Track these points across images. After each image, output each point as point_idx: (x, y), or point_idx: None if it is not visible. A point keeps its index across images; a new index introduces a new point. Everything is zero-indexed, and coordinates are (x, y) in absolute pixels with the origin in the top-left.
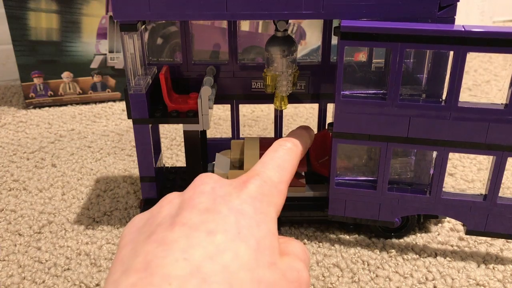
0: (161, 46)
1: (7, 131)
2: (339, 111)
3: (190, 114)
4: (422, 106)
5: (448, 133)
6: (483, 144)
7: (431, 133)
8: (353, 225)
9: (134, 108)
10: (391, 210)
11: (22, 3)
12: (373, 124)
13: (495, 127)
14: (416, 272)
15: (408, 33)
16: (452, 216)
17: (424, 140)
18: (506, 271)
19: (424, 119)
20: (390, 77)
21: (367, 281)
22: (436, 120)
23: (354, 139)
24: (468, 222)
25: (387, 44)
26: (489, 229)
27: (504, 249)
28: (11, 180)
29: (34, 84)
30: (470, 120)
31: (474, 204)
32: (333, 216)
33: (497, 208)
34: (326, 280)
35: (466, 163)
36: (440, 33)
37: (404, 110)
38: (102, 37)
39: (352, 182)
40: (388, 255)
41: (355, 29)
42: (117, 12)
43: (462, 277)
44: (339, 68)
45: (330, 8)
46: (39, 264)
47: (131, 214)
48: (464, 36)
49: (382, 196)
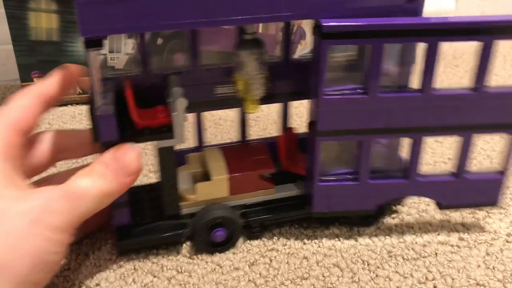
0: (161, 47)
1: None
2: (323, 110)
3: (163, 129)
4: (401, 97)
5: (422, 119)
6: (454, 126)
7: (407, 121)
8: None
9: (103, 131)
10: (372, 199)
11: (22, 3)
12: (355, 119)
13: (465, 110)
14: (416, 272)
15: (389, 28)
16: (427, 196)
17: (402, 128)
18: (506, 271)
19: (401, 109)
20: (371, 72)
21: (367, 281)
22: (412, 109)
23: (337, 135)
24: (442, 199)
25: (369, 40)
26: (460, 202)
27: (504, 249)
28: None
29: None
30: (443, 106)
31: (447, 182)
32: (317, 213)
33: (466, 183)
34: (326, 280)
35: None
36: (418, 26)
37: (383, 102)
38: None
39: (333, 178)
40: (388, 255)
41: (339, 28)
42: (86, 28)
43: (462, 277)
44: (322, 67)
45: (308, 9)
46: None
47: None
48: (436, 28)
49: (364, 187)
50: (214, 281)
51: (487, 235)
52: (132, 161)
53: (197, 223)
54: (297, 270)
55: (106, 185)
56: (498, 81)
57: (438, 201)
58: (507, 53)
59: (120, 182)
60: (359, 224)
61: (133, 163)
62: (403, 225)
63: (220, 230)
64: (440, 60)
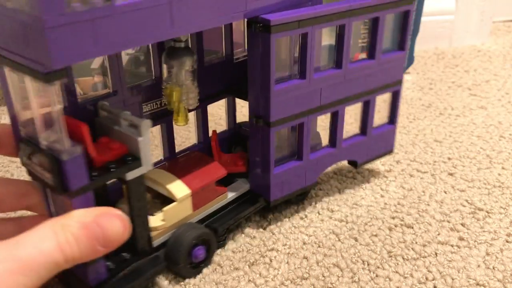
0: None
1: None
2: (274, 101)
3: (127, 159)
4: (329, 76)
5: (343, 92)
6: (363, 92)
7: (333, 96)
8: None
9: (72, 178)
10: (313, 172)
11: None
12: (297, 103)
13: (368, 77)
14: (416, 272)
15: (322, 15)
16: (349, 158)
17: (331, 103)
18: (506, 271)
19: (329, 86)
20: (308, 57)
21: (367, 281)
22: (336, 84)
23: (286, 122)
24: (358, 157)
25: (307, 28)
26: (369, 156)
27: (504, 249)
28: None
29: None
30: (356, 77)
31: (361, 142)
32: (274, 201)
33: (373, 138)
34: (326, 280)
35: (466, 163)
36: (340, 9)
37: (316, 83)
38: None
39: (280, 163)
40: (388, 254)
41: (283, 20)
42: (58, 59)
43: (462, 277)
44: (272, 61)
45: (251, 8)
46: None
47: None
48: (351, 9)
49: (307, 163)
50: (214, 281)
51: (487, 235)
52: (116, 232)
53: (176, 251)
54: (297, 270)
55: (73, 253)
56: (499, 81)
57: (356, 160)
58: (507, 52)
59: (93, 252)
60: (298, 201)
61: (116, 235)
62: (403, 225)
63: (200, 249)
64: (440, 59)
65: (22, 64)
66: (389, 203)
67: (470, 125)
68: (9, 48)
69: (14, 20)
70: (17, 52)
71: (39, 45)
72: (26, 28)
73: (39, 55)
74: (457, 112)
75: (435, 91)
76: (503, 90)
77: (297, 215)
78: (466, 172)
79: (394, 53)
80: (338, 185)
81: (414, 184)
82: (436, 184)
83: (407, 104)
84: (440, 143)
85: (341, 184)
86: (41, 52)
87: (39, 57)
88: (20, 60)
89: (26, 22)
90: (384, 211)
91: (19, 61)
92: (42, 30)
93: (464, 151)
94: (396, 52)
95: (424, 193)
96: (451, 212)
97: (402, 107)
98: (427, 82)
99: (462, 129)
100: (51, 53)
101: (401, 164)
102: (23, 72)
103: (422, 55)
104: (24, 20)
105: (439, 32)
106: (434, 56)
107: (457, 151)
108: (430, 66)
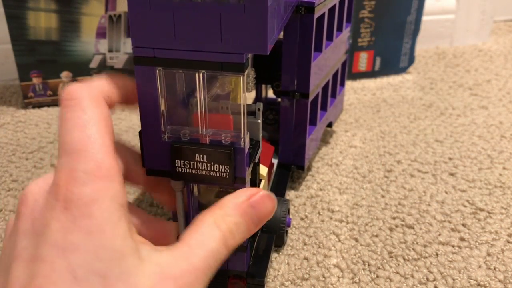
0: None
1: (6, 131)
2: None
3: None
4: (329, 48)
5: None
6: (339, 59)
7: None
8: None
9: (241, 165)
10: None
11: (21, 3)
12: (317, 75)
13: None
14: (417, 272)
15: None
16: (331, 119)
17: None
18: (507, 272)
19: (327, 58)
20: (324, 32)
21: (367, 281)
22: (330, 54)
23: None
24: (333, 118)
25: (324, 8)
26: (337, 115)
27: (505, 249)
28: (10, 180)
29: (33, 84)
30: (337, 47)
31: (334, 104)
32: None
33: (338, 100)
34: (327, 280)
35: (467, 163)
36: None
37: (325, 54)
38: (102, 37)
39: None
40: (389, 255)
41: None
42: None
43: (463, 278)
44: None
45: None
46: None
47: None
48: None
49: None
50: None
51: (488, 235)
52: (268, 211)
53: (277, 222)
54: (297, 271)
55: (235, 242)
56: (500, 81)
57: (331, 120)
58: (508, 52)
59: (248, 235)
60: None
61: (268, 213)
62: (404, 225)
63: (289, 218)
64: (441, 59)
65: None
66: (389, 203)
67: (471, 125)
68: (203, 48)
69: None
70: (209, 49)
71: (252, 33)
72: (229, 19)
73: (251, 42)
74: (458, 112)
75: (436, 91)
76: (504, 90)
77: (297, 216)
78: (467, 172)
79: (347, 24)
80: (338, 186)
81: (415, 184)
82: (437, 184)
83: (408, 104)
84: (441, 143)
85: (341, 185)
86: (257, 39)
87: (250, 46)
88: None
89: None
90: (384, 211)
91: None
92: (263, 16)
93: (465, 151)
94: (348, 24)
95: (425, 193)
96: (452, 212)
97: (403, 107)
98: (428, 81)
99: (463, 129)
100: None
101: (402, 164)
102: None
103: (423, 55)
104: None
105: (440, 32)
106: (435, 56)
107: (458, 151)
108: (431, 66)
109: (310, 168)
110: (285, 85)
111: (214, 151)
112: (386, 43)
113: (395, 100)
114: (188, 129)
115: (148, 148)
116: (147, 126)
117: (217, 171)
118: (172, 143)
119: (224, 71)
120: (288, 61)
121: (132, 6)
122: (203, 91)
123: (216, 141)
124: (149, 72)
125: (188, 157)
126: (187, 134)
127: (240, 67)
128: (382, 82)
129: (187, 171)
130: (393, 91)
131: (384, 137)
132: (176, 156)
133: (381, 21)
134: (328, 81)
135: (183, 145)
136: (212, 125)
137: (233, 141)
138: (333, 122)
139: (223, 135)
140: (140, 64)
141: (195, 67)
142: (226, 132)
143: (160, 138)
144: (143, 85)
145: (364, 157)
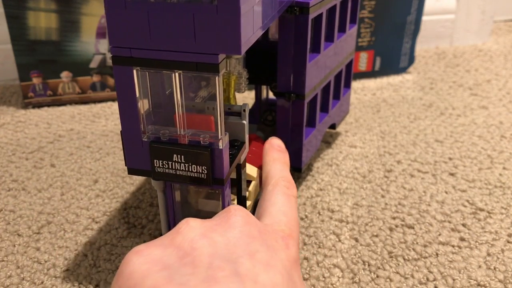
0: None
1: (6, 131)
2: (308, 73)
3: (235, 144)
4: (328, 49)
5: (334, 61)
6: (341, 61)
7: (330, 66)
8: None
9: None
10: (318, 139)
11: (21, 3)
12: (314, 76)
13: (343, 48)
14: (417, 272)
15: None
16: (333, 121)
17: (329, 73)
18: (507, 272)
19: (327, 58)
20: (322, 33)
21: (367, 281)
22: (330, 56)
23: (309, 95)
24: (336, 120)
25: (322, 9)
26: (341, 117)
27: (505, 249)
28: (10, 180)
29: (33, 84)
30: (339, 48)
31: (337, 106)
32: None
33: (342, 102)
34: (327, 280)
35: (467, 163)
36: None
37: (324, 55)
38: (102, 37)
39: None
40: (389, 255)
41: (313, 4)
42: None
43: (463, 278)
44: (308, 37)
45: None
46: (38, 265)
47: (130, 215)
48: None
49: (317, 130)
50: None
51: (488, 235)
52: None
53: None
54: None
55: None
56: (500, 80)
57: (335, 122)
58: (508, 52)
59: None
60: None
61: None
62: (404, 225)
63: None
64: (441, 59)
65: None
66: (389, 203)
67: (471, 125)
68: (178, 48)
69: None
70: (186, 49)
71: (225, 34)
72: (202, 20)
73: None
74: (458, 112)
75: (436, 90)
76: (504, 90)
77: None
78: (467, 172)
79: (351, 25)
80: (338, 186)
81: (415, 184)
82: (437, 184)
83: (408, 104)
84: (441, 143)
85: (341, 185)
86: (230, 40)
87: (223, 46)
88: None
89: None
90: (384, 211)
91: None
92: (235, 16)
93: (465, 151)
94: (352, 25)
95: (425, 193)
96: (452, 212)
97: (403, 107)
98: (428, 81)
99: (463, 129)
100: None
101: (402, 164)
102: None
103: (423, 55)
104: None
105: (440, 32)
106: (435, 56)
107: (458, 151)
108: (431, 66)
109: (310, 168)
110: (281, 86)
111: (191, 151)
112: (386, 43)
113: (395, 100)
114: (169, 130)
115: (128, 148)
116: (127, 126)
117: (195, 171)
118: (151, 143)
119: (199, 71)
120: (283, 62)
121: (108, 6)
122: (180, 91)
123: (195, 141)
124: (127, 72)
125: (166, 157)
126: (167, 134)
127: (215, 67)
128: (382, 82)
129: (166, 171)
130: (393, 91)
131: (384, 137)
132: (154, 156)
133: (381, 21)
134: (329, 82)
135: (161, 145)
136: (194, 125)
137: (212, 142)
138: (337, 124)
139: (201, 136)
140: (118, 64)
141: (172, 67)
142: (206, 133)
143: (141, 138)
144: (122, 85)
145: (364, 157)
